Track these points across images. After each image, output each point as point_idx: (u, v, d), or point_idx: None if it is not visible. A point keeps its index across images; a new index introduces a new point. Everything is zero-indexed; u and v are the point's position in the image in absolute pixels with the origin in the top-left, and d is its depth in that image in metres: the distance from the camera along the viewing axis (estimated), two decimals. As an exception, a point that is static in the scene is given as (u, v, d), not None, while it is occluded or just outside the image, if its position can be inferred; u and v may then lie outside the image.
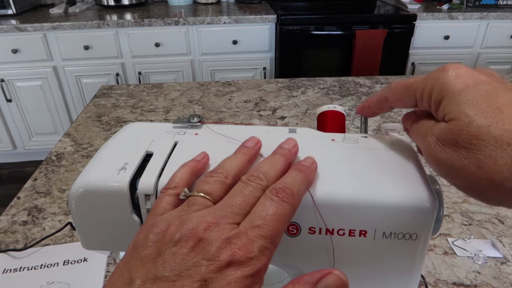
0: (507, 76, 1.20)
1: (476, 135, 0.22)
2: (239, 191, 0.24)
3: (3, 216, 0.62)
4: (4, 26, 1.91)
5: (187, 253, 0.20)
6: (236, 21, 2.04)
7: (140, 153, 0.32)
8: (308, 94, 1.08)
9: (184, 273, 0.20)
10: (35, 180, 0.71)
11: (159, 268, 0.20)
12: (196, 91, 1.11)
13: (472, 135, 0.22)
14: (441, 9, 2.18)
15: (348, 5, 2.37)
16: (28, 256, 0.55)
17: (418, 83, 0.27)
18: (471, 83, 0.24)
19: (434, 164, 0.25)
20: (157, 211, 0.24)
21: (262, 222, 0.22)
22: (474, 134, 0.22)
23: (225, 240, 0.21)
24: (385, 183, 0.27)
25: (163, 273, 0.20)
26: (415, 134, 0.28)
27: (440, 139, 0.24)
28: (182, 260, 0.20)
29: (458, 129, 0.22)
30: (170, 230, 0.22)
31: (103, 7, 2.29)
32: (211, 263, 0.20)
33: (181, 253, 0.20)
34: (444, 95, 0.24)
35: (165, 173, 0.29)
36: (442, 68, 0.26)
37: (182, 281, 0.19)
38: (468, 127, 0.22)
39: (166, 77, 2.15)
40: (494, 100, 0.22)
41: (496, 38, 2.19)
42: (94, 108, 1.01)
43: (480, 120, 0.22)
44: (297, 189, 0.24)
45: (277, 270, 0.45)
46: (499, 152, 0.21)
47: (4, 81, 2.04)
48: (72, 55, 2.04)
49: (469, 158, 0.22)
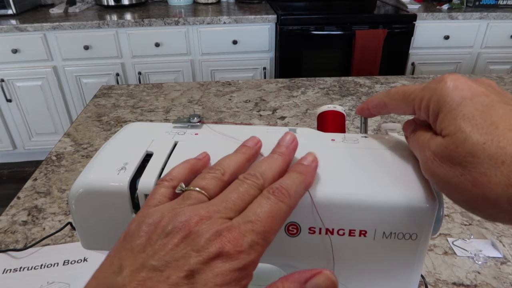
0: (507, 76, 1.20)
1: (471, 152, 0.22)
2: (234, 188, 0.24)
3: (3, 216, 0.62)
4: (4, 26, 1.91)
5: (177, 243, 0.21)
6: (236, 21, 2.04)
7: (140, 153, 0.32)
8: (308, 94, 1.08)
9: (172, 264, 0.20)
10: (35, 180, 0.71)
11: (149, 257, 0.20)
12: (196, 91, 1.11)
13: (468, 152, 0.22)
14: (441, 9, 2.18)
15: (348, 5, 2.37)
16: (28, 256, 0.55)
17: (416, 93, 0.27)
18: (468, 95, 0.24)
19: (431, 178, 0.25)
20: (151, 203, 0.25)
21: (256, 218, 0.22)
22: (469, 151, 0.22)
23: (216, 232, 0.21)
24: (385, 183, 0.27)
25: (152, 262, 0.20)
26: (413, 144, 0.28)
27: (437, 154, 0.24)
28: (171, 250, 0.20)
29: (454, 146, 0.23)
30: (163, 222, 0.22)
31: (103, 7, 2.29)
32: (200, 254, 0.20)
33: (171, 243, 0.21)
34: (441, 107, 0.24)
35: (165, 173, 0.29)
36: (441, 79, 0.25)
37: (170, 271, 0.20)
38: (463, 144, 0.22)
39: (166, 77, 2.15)
40: (490, 114, 0.22)
41: (496, 38, 2.19)
42: (94, 108, 1.01)
43: (476, 137, 0.22)
44: (295, 190, 0.24)
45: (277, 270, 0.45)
46: (494, 170, 0.21)
47: (4, 81, 2.04)
48: (72, 55, 2.04)
49: (465, 175, 0.22)
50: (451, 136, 0.23)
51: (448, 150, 0.23)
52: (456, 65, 2.26)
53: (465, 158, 0.22)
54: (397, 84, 1.14)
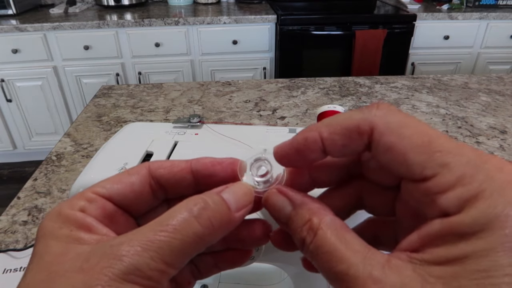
0: (507, 76, 1.20)
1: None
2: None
3: (3, 216, 0.62)
4: (4, 26, 1.91)
5: None
6: (236, 21, 2.04)
7: (140, 153, 0.32)
8: (308, 94, 1.08)
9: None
10: (35, 180, 0.71)
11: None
12: (196, 91, 1.11)
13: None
14: (441, 9, 2.18)
15: (348, 5, 2.37)
16: (28, 256, 0.55)
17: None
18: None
19: None
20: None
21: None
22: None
23: None
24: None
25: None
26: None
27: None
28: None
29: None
30: None
31: (103, 7, 2.29)
32: None
33: None
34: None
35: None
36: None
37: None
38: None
39: (166, 77, 2.15)
40: None
41: (496, 38, 2.19)
42: (94, 108, 1.01)
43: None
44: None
45: (277, 270, 0.45)
46: None
47: (4, 81, 2.04)
48: (72, 55, 2.04)
49: None
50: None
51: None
52: (456, 65, 2.26)
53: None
54: (397, 84, 1.14)
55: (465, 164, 0.15)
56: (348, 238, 0.17)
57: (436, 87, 1.12)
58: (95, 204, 0.19)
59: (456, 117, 0.93)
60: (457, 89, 1.10)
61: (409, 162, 0.16)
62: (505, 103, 1.01)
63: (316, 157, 0.19)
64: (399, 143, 0.16)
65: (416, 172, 0.16)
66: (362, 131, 0.17)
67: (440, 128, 0.88)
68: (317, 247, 0.17)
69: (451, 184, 0.15)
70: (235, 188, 0.19)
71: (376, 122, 0.17)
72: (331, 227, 0.17)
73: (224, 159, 0.21)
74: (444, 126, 0.89)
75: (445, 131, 0.86)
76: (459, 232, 0.14)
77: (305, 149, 0.19)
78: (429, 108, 0.98)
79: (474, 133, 0.86)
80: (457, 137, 0.84)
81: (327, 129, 0.18)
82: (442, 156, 0.16)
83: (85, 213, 0.18)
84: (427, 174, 0.16)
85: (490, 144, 0.81)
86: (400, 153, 0.16)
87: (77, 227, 0.17)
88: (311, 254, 0.17)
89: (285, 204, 0.19)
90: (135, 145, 0.33)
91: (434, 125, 0.89)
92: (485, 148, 0.79)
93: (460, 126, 0.89)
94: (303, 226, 0.18)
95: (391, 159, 0.17)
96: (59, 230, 0.17)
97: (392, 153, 0.17)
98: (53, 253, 0.16)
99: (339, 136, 0.18)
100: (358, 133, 0.17)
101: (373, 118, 0.17)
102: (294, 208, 0.19)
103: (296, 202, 0.19)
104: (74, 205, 0.18)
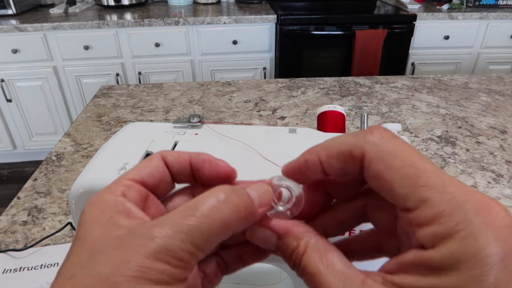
0: (507, 76, 1.20)
1: None
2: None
3: (3, 216, 0.62)
4: (4, 26, 1.91)
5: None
6: (236, 21, 2.04)
7: (140, 153, 0.32)
8: (308, 94, 1.08)
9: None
10: (35, 180, 0.71)
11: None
12: (196, 91, 1.11)
13: None
14: (441, 9, 2.18)
15: (348, 5, 2.37)
16: (28, 256, 0.55)
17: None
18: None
19: None
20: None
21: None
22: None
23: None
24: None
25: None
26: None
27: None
28: None
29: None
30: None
31: (103, 7, 2.29)
32: None
33: None
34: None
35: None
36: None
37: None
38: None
39: (166, 77, 2.15)
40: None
41: (496, 38, 2.19)
42: (94, 108, 1.01)
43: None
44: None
45: (277, 270, 0.45)
46: None
47: (4, 81, 2.04)
48: (72, 55, 2.04)
49: None
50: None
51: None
52: (456, 65, 2.26)
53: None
54: (397, 84, 1.14)
55: (446, 202, 0.16)
56: (330, 258, 0.18)
57: (436, 87, 1.12)
58: (133, 189, 0.20)
59: (456, 117, 0.93)
60: (457, 89, 1.10)
61: (394, 193, 0.17)
62: (505, 103, 1.01)
63: (319, 177, 0.21)
64: (386, 172, 0.17)
65: (399, 202, 0.17)
66: (354, 156, 0.19)
67: (440, 128, 0.88)
68: (303, 269, 0.19)
69: (428, 220, 0.16)
70: (257, 186, 0.20)
71: (367, 149, 0.18)
72: (314, 249, 0.19)
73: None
74: (444, 126, 0.89)
75: (445, 131, 0.86)
76: (429, 265, 0.16)
77: (307, 171, 0.20)
78: (429, 108, 0.98)
79: (474, 133, 0.86)
80: (457, 137, 0.84)
81: (325, 153, 0.20)
82: (424, 191, 0.16)
83: (125, 197, 0.20)
84: (409, 206, 0.17)
85: (490, 144, 0.81)
86: (386, 183, 0.17)
87: (117, 212, 0.19)
88: (300, 275, 0.19)
89: (270, 235, 0.20)
90: (135, 145, 0.33)
91: (434, 125, 0.89)
92: (485, 148, 0.79)
93: (460, 126, 0.89)
94: (291, 253, 0.20)
95: (378, 186, 0.18)
96: (100, 215, 0.19)
97: (380, 181, 0.18)
98: (95, 236, 0.18)
99: (335, 160, 0.19)
100: (351, 157, 0.19)
101: (364, 144, 0.18)
102: (279, 237, 0.20)
103: (280, 232, 0.20)
104: (115, 191, 0.20)
